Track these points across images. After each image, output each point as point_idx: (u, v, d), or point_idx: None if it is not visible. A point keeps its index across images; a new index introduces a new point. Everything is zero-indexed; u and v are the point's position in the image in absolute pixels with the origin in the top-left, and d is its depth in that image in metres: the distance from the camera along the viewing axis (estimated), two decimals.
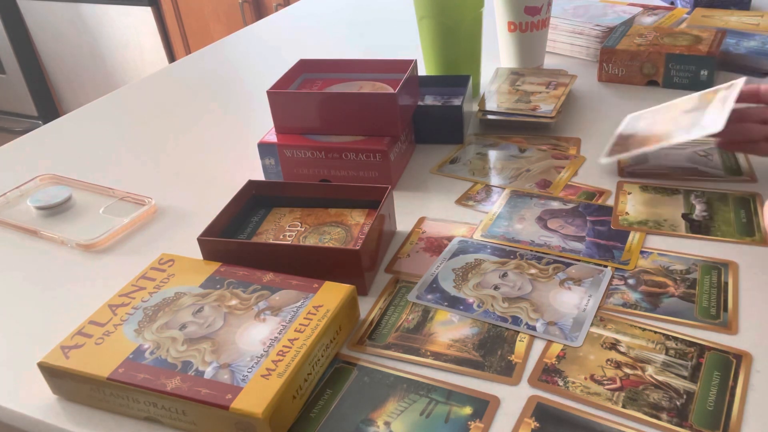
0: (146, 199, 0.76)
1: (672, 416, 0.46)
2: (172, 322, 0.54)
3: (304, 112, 0.75)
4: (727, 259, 0.60)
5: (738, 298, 0.56)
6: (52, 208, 0.77)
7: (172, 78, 1.17)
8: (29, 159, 0.91)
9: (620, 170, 0.76)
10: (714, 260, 0.60)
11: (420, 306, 0.58)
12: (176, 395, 0.47)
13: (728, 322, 0.54)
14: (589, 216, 0.67)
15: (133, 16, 2.41)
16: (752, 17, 1.09)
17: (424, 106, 0.85)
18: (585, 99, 0.93)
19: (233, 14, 2.25)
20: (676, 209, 0.68)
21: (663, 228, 0.65)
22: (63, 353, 0.51)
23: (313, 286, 0.56)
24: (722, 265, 0.60)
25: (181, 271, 0.60)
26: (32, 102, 2.82)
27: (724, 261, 0.60)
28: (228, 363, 0.49)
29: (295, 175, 0.76)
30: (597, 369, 0.50)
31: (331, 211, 0.69)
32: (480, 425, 0.47)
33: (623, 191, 0.71)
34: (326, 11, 1.46)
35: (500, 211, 0.70)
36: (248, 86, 1.10)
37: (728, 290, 0.57)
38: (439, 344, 0.54)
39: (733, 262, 0.60)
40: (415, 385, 0.50)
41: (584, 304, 0.56)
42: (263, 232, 0.67)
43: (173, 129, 0.97)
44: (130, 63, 2.55)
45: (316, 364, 0.51)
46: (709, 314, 0.54)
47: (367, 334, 0.56)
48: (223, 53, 1.27)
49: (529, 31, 0.96)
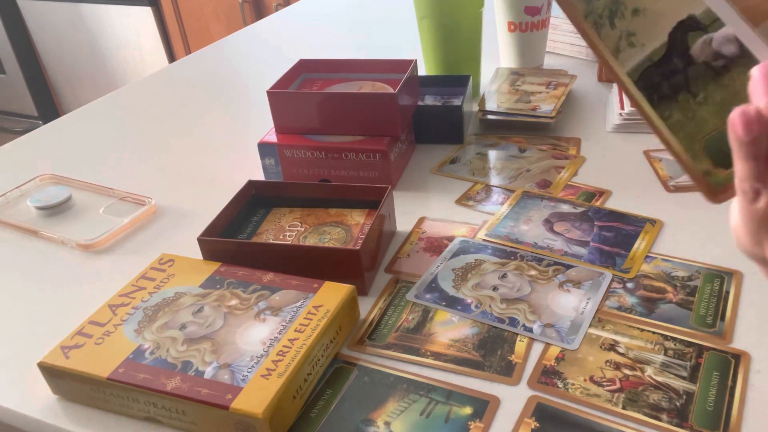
0: (146, 199, 0.77)
1: (672, 417, 0.46)
2: (172, 322, 0.54)
3: (304, 112, 0.75)
4: (731, 268, 0.59)
5: (738, 308, 0.55)
6: (52, 208, 0.77)
7: (172, 78, 1.17)
8: (29, 159, 0.91)
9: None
10: (718, 268, 0.59)
11: (420, 306, 0.58)
12: (176, 395, 0.47)
13: (723, 331, 0.53)
14: (598, 221, 0.67)
15: (133, 16, 2.41)
16: None
17: (424, 106, 0.85)
18: (585, 99, 0.93)
19: (233, 14, 2.25)
20: None
21: None
22: (63, 353, 0.51)
23: (313, 286, 0.56)
24: (726, 273, 0.59)
25: (181, 271, 0.60)
26: (32, 102, 2.82)
27: (729, 270, 0.59)
28: (228, 363, 0.49)
29: (295, 175, 0.76)
30: (596, 370, 0.50)
31: (331, 211, 0.69)
32: (480, 425, 0.47)
33: None
34: (326, 11, 1.46)
35: (508, 212, 0.70)
36: (248, 86, 1.10)
37: (728, 299, 0.56)
38: (439, 344, 0.54)
39: (737, 271, 0.59)
40: (415, 385, 0.50)
41: (582, 306, 0.56)
42: (263, 232, 0.67)
43: (173, 129, 0.97)
44: (130, 63, 2.55)
45: (316, 364, 0.51)
46: (705, 322, 0.54)
47: (367, 334, 0.56)
48: (223, 53, 1.27)
49: (529, 31, 0.96)
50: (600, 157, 0.78)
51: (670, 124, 0.31)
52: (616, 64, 0.31)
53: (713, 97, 0.30)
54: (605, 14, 0.30)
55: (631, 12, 0.30)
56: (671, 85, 0.30)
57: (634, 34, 0.30)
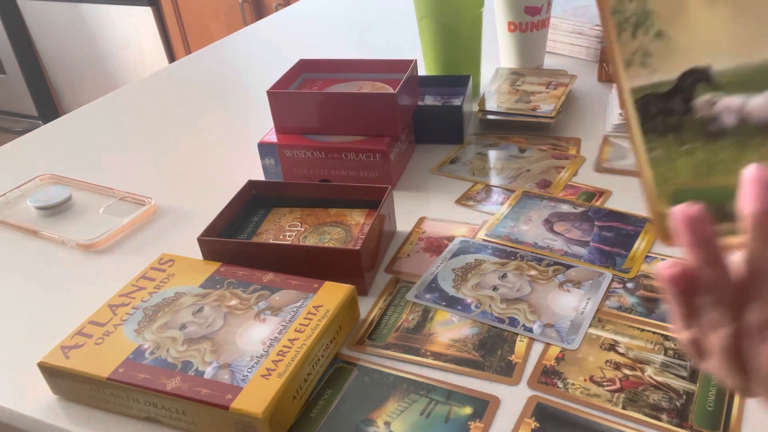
0: (146, 199, 0.76)
1: (672, 417, 0.46)
2: (172, 322, 0.54)
3: (304, 112, 0.75)
4: None
5: None
6: (52, 208, 0.77)
7: (172, 78, 1.17)
8: (29, 159, 0.91)
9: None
10: None
11: (420, 306, 0.58)
12: (176, 395, 0.47)
13: None
14: (598, 221, 0.67)
15: (133, 16, 2.41)
16: None
17: (424, 106, 0.85)
18: (585, 99, 0.93)
19: (233, 14, 2.25)
20: None
21: None
22: (63, 353, 0.51)
23: (313, 286, 0.56)
24: None
25: (181, 271, 0.60)
26: (32, 102, 2.81)
27: None
28: (228, 363, 0.49)
29: (295, 175, 0.76)
30: (596, 370, 0.50)
31: (331, 211, 0.69)
32: (480, 425, 0.47)
33: None
34: (326, 11, 1.46)
35: (508, 212, 0.70)
36: (248, 86, 1.10)
37: None
38: (439, 344, 0.54)
39: None
40: (415, 385, 0.50)
41: (582, 306, 0.56)
42: (263, 232, 0.67)
43: (173, 129, 0.97)
44: (130, 63, 2.55)
45: (316, 364, 0.51)
46: None
47: (367, 334, 0.56)
48: (223, 53, 1.27)
49: (529, 31, 0.96)
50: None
51: (652, 156, 0.31)
52: (624, 75, 0.30)
53: (697, 155, 0.30)
54: (632, 20, 0.29)
55: (655, 32, 0.29)
56: (665, 123, 0.30)
57: (651, 56, 0.30)
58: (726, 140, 0.29)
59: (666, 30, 0.29)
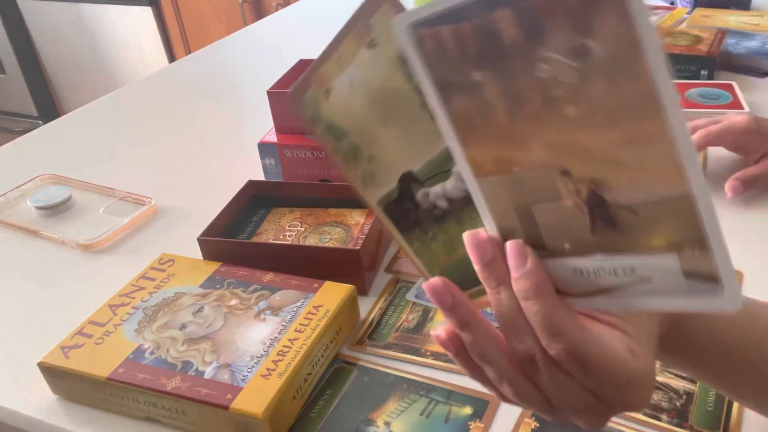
0: (146, 199, 0.76)
1: (672, 417, 0.46)
2: (172, 322, 0.54)
3: None
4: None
5: None
6: (52, 208, 0.77)
7: (172, 78, 1.17)
8: (29, 159, 0.91)
9: None
10: None
11: (420, 306, 0.58)
12: (176, 395, 0.47)
13: None
14: None
15: (133, 16, 2.41)
16: (752, 17, 1.09)
17: None
18: None
19: (233, 14, 2.25)
20: None
21: None
22: (63, 353, 0.51)
23: (313, 286, 0.56)
24: None
25: (181, 271, 0.60)
26: (32, 102, 2.81)
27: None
28: (228, 363, 0.49)
29: (295, 175, 0.76)
30: None
31: (331, 211, 0.69)
32: (480, 425, 0.47)
33: None
34: (326, 11, 1.46)
35: None
36: (248, 86, 1.10)
37: None
38: None
39: (738, 271, 0.58)
40: (415, 385, 0.50)
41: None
42: (263, 232, 0.67)
43: (173, 129, 0.97)
44: (130, 63, 2.54)
45: (316, 364, 0.51)
46: None
47: (367, 334, 0.56)
48: (223, 53, 1.27)
49: None
50: None
51: (413, 249, 0.36)
52: (366, 194, 0.35)
53: (439, 237, 0.35)
54: (350, 154, 0.35)
55: (367, 157, 0.35)
56: (408, 221, 0.36)
57: (374, 174, 0.35)
58: (449, 219, 0.35)
59: (373, 153, 0.35)
